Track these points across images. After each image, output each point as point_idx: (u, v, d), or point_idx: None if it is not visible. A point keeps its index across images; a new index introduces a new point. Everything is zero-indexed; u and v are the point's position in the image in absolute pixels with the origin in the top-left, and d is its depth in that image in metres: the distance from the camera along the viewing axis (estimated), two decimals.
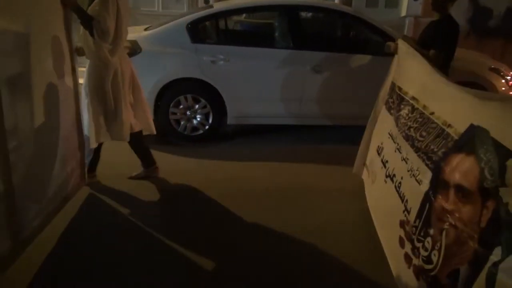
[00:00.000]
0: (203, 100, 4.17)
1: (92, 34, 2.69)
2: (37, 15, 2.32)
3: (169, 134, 4.27)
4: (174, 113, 4.21)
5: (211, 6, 4.30)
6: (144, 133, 3.29)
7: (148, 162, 3.36)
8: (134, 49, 3.94)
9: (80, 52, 2.89)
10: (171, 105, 4.16)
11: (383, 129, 2.82)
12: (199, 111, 4.22)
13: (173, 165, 3.68)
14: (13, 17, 2.07)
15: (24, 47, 2.19)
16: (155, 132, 3.35)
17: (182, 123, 4.25)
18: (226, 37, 4.74)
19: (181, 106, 4.19)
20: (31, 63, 2.27)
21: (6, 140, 1.98)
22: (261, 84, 4.21)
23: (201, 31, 4.27)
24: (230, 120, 4.28)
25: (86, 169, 3.15)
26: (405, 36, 3.10)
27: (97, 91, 2.87)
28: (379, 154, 2.78)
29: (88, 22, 2.67)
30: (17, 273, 2.11)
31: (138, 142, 3.23)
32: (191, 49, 4.09)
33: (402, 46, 2.89)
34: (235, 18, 5.15)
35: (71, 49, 2.75)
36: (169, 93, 4.12)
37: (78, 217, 2.81)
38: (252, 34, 5.31)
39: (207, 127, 4.27)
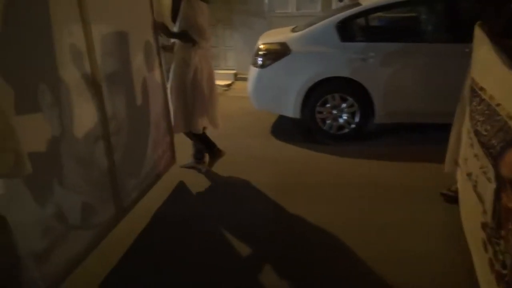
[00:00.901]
0: (350, 99, 4.15)
1: (192, 41, 3.06)
2: (131, 21, 2.75)
3: (314, 132, 4.36)
4: (320, 112, 4.25)
5: (358, 4, 4.26)
6: (209, 127, 3.55)
7: (200, 155, 3.66)
8: (284, 51, 4.21)
9: (166, 48, 3.29)
10: (318, 104, 4.22)
11: (464, 124, 2.63)
12: (345, 110, 4.21)
13: (312, 162, 3.83)
14: (112, 23, 2.50)
15: (120, 48, 2.64)
16: (219, 127, 3.60)
17: (328, 121, 4.28)
18: (376, 34, 4.59)
19: (328, 105, 4.23)
20: (126, 61, 2.71)
21: (108, 125, 2.42)
22: (413, 81, 4.05)
23: (350, 29, 4.23)
24: (378, 118, 4.19)
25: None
26: (482, 23, 2.77)
27: (178, 87, 3.26)
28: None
29: (184, 36, 3.07)
30: (115, 243, 2.55)
31: (199, 134, 3.49)
32: (340, 48, 4.11)
33: (477, 33, 2.65)
34: (381, 14, 4.86)
35: (158, 47, 3.16)
36: (316, 93, 4.18)
37: (169, 200, 3.20)
38: (401, 29, 4.98)
39: (353, 125, 4.24)
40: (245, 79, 7.02)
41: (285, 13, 7.51)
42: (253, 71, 4.51)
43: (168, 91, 3.35)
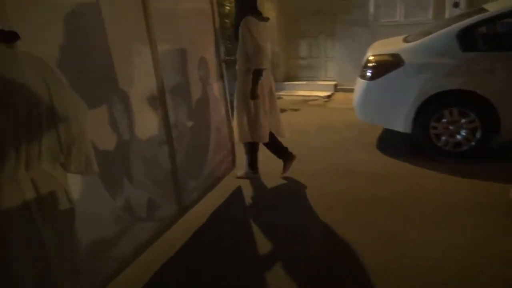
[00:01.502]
0: (472, 114, 3.85)
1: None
2: (193, 39, 3.10)
3: (426, 149, 4.09)
4: (435, 127, 3.98)
5: (483, 10, 3.98)
6: (275, 135, 3.75)
7: (254, 163, 3.80)
8: (396, 63, 4.04)
9: (227, 62, 3.60)
10: (432, 119, 3.97)
11: None
12: (465, 125, 3.90)
13: (422, 179, 3.58)
14: (176, 43, 2.87)
15: (183, 63, 3.00)
16: (286, 136, 3.78)
17: (443, 138, 3.99)
18: (504, 43, 4.24)
19: (444, 120, 3.95)
20: (188, 74, 3.06)
21: (171, 132, 2.77)
22: None
23: (473, 38, 3.91)
24: (505, 135, 3.84)
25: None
26: None
27: (241, 100, 3.54)
28: None
29: (256, 74, 3.36)
30: (175, 237, 2.88)
31: (272, 142, 3.70)
32: (461, 58, 3.82)
33: None
34: (510, 20, 4.51)
35: (219, 62, 3.48)
36: (431, 107, 3.93)
37: (226, 202, 3.44)
38: None
39: (473, 143, 3.91)
40: (346, 90, 7.22)
41: (392, 22, 7.23)
42: (360, 83, 4.36)
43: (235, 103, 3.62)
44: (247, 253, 2.69)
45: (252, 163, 3.79)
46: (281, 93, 7.69)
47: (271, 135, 3.67)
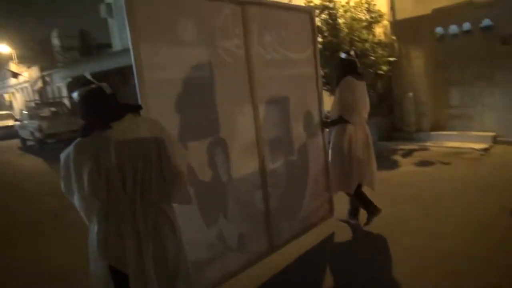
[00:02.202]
0: None
1: (345, 121, 3.75)
2: (297, 98, 3.63)
3: None
4: None
5: None
6: (367, 186, 3.92)
7: (356, 212, 4.00)
8: None
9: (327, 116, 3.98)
10: None
11: None
12: None
13: None
14: (277, 102, 3.42)
15: (285, 118, 3.50)
16: (375, 188, 3.92)
17: None
18: None
19: None
20: (289, 128, 3.54)
21: (266, 178, 3.24)
22: None
23: None
24: None
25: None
26: None
27: (335, 153, 3.86)
28: None
29: (339, 121, 3.77)
30: (261, 272, 3.24)
31: (358, 192, 3.87)
32: None
33: None
34: None
35: (321, 118, 3.89)
36: None
37: (317, 247, 3.67)
38: None
39: None
40: (508, 143, 6.62)
41: None
42: None
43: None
44: None
45: (353, 210, 4.02)
46: (427, 143, 7.45)
47: (359, 186, 3.84)
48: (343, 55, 3.83)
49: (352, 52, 3.82)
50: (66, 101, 17.18)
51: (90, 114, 1.92)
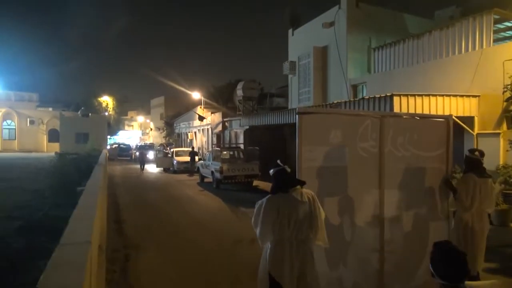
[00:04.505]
0: None
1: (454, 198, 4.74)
2: (421, 185, 4.78)
3: None
4: None
5: None
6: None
7: None
8: None
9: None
10: None
11: None
12: None
13: None
14: (403, 186, 4.63)
15: (409, 200, 4.70)
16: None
17: None
18: None
19: None
20: (411, 208, 4.68)
21: (384, 244, 4.33)
22: None
23: None
24: None
25: None
26: None
27: (457, 234, 4.78)
28: None
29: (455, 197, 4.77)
30: None
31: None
32: None
33: None
34: None
35: (445, 203, 4.90)
36: None
37: None
38: None
39: None
40: None
41: None
42: None
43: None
44: None
45: None
46: None
47: None
48: (468, 153, 4.75)
49: (476, 153, 4.74)
50: (241, 147, 20.02)
51: (278, 183, 3.67)
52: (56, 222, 9.72)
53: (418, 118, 4.91)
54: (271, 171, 3.68)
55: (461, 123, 9.55)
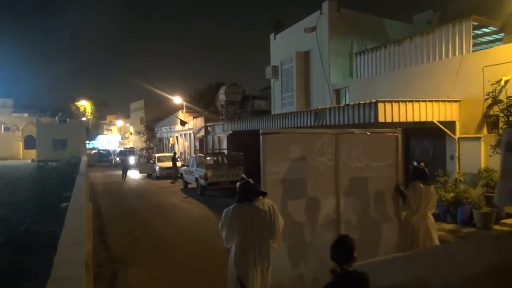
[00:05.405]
0: None
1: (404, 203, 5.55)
2: (375, 192, 5.49)
3: None
4: None
5: None
6: None
7: None
8: None
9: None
10: None
11: None
12: None
13: None
14: (358, 193, 5.30)
15: (364, 207, 5.37)
16: None
17: None
18: None
19: None
20: (366, 212, 5.30)
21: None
22: None
23: None
24: None
25: None
26: None
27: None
28: None
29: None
30: None
31: None
32: None
33: None
34: None
35: (396, 205, 5.57)
36: None
37: None
38: None
39: None
40: None
41: None
42: None
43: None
44: None
45: None
46: None
47: None
48: (415, 163, 5.55)
49: (422, 163, 5.50)
50: (225, 152, 20.07)
51: (243, 193, 4.31)
52: (38, 237, 9.47)
53: (369, 133, 5.64)
54: (237, 184, 4.32)
55: (443, 127, 9.86)
